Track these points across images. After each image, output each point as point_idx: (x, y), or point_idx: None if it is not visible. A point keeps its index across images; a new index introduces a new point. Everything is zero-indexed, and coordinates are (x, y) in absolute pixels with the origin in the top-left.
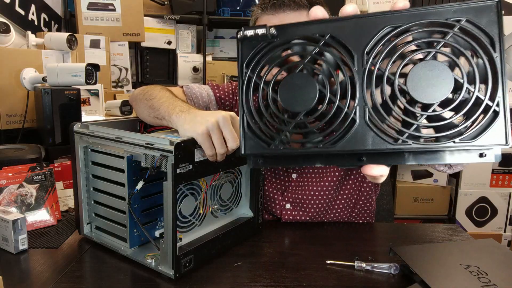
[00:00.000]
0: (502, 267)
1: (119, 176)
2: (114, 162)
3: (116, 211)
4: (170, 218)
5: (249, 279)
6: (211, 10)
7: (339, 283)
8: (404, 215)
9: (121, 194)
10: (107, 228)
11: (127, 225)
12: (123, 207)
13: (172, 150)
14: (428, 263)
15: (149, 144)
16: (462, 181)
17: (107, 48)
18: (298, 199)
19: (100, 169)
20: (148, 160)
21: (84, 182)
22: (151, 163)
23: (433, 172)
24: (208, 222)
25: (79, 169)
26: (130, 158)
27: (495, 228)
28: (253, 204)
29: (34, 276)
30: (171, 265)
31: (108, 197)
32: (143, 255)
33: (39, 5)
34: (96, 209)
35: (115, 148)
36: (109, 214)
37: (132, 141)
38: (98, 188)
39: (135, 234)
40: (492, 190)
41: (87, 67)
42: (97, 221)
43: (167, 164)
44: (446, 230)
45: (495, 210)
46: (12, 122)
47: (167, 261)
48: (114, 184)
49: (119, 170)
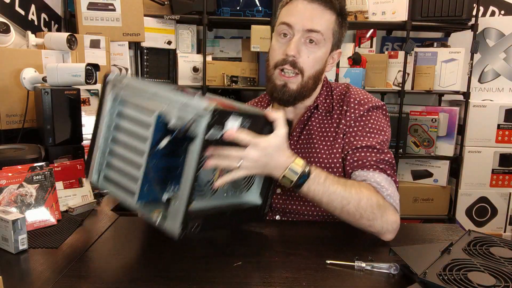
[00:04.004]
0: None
1: (143, 131)
2: (141, 116)
3: (132, 165)
4: (190, 177)
5: (249, 279)
6: (211, 10)
7: (339, 283)
8: (404, 215)
9: (141, 148)
10: (117, 179)
11: (139, 179)
12: (140, 161)
13: (208, 114)
14: (428, 263)
15: (184, 105)
16: (462, 181)
17: (107, 48)
18: (288, 209)
19: (124, 121)
20: (179, 121)
21: (105, 130)
22: (181, 124)
23: (433, 172)
24: (217, 197)
25: (103, 117)
26: (159, 116)
27: (495, 228)
28: (263, 192)
29: (34, 276)
30: (180, 222)
31: (126, 150)
32: (149, 211)
33: (39, 5)
34: (109, 160)
35: (146, 103)
36: (124, 167)
37: (167, 99)
38: (117, 139)
39: (145, 191)
40: (492, 190)
41: (87, 67)
42: (108, 171)
43: (198, 127)
44: (446, 230)
45: (495, 210)
46: (12, 122)
47: (176, 218)
48: (135, 139)
49: (144, 125)
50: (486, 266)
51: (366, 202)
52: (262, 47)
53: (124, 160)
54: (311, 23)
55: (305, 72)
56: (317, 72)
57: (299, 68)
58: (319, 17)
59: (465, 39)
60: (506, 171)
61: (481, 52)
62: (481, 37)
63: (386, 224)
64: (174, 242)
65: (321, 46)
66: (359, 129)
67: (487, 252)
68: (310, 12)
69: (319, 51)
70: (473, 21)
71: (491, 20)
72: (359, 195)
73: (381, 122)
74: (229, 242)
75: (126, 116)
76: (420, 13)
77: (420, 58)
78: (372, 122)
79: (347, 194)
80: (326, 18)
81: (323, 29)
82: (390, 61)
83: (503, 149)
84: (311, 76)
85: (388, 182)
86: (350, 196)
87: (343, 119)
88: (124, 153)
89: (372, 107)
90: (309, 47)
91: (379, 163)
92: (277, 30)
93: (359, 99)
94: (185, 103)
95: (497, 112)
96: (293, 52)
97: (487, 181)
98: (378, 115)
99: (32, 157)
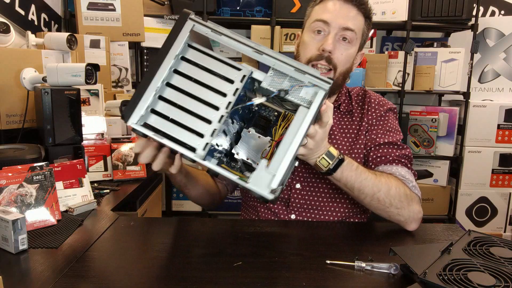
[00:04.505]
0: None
1: (222, 84)
2: (224, 70)
3: (199, 119)
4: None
5: (249, 279)
6: (211, 10)
7: (339, 283)
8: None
9: (216, 103)
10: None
11: (206, 136)
12: (210, 116)
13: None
14: (428, 263)
15: (301, 69)
16: (462, 181)
17: (107, 48)
18: (303, 208)
19: (196, 70)
20: (276, 84)
21: (167, 73)
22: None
23: (433, 172)
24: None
25: (169, 57)
26: (251, 72)
27: (495, 228)
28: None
29: (34, 276)
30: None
31: (194, 101)
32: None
33: (39, 5)
34: (155, 105)
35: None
36: (184, 119)
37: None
38: (177, 87)
39: (210, 148)
40: (492, 190)
41: (87, 67)
42: (152, 118)
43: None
44: (446, 230)
45: (495, 210)
46: (12, 122)
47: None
48: (211, 91)
49: (227, 80)
50: (486, 266)
51: (395, 191)
52: None
53: (188, 112)
54: (347, 21)
55: (338, 68)
56: (347, 69)
57: (333, 64)
58: (353, 17)
59: (465, 39)
60: (506, 171)
61: (481, 52)
62: (481, 37)
63: (412, 213)
64: (174, 242)
65: (353, 45)
66: (379, 127)
67: (487, 252)
68: (345, 11)
69: (351, 49)
70: (473, 21)
71: (491, 20)
72: (388, 184)
73: (396, 122)
74: (229, 242)
75: (202, 66)
76: (420, 13)
77: (420, 58)
78: (390, 122)
79: (377, 182)
80: (358, 19)
81: (356, 29)
82: (390, 61)
83: (503, 149)
84: (341, 73)
85: (410, 175)
86: (381, 184)
87: (365, 117)
88: (188, 104)
89: (389, 109)
90: (343, 45)
91: (401, 158)
92: (311, 27)
93: (378, 100)
94: (301, 68)
95: (497, 112)
96: (330, 48)
97: (487, 181)
98: (394, 116)
99: (32, 157)
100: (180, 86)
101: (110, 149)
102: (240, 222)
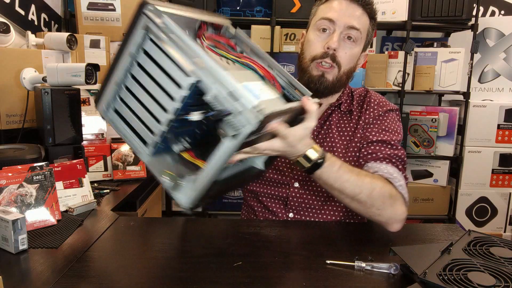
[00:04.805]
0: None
1: (173, 88)
2: (174, 71)
3: (150, 116)
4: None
5: (249, 279)
6: (211, 10)
7: (339, 283)
8: None
9: (166, 106)
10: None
11: (156, 135)
12: (160, 117)
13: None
14: (428, 263)
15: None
16: (462, 181)
17: (107, 48)
18: (301, 207)
19: (151, 66)
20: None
21: (126, 65)
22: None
23: (433, 172)
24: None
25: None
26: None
27: (495, 228)
28: (269, 160)
29: (34, 276)
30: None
31: (148, 96)
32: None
33: (39, 5)
34: (123, 95)
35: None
36: (140, 112)
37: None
38: (139, 81)
39: (159, 146)
40: (492, 190)
41: (87, 67)
42: (119, 106)
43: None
44: (446, 230)
45: (495, 210)
46: (12, 122)
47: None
48: (162, 92)
49: (176, 83)
50: (486, 266)
51: (379, 191)
52: (262, 47)
53: (143, 106)
54: (352, 20)
55: (342, 66)
56: (351, 69)
57: (337, 62)
58: (359, 16)
59: (465, 39)
60: (506, 171)
61: (481, 52)
62: (481, 37)
63: (394, 214)
64: (174, 242)
65: (357, 44)
66: (375, 126)
67: (487, 252)
68: (351, 11)
69: (355, 49)
70: (473, 21)
71: (491, 20)
72: (372, 184)
73: (396, 123)
74: (229, 242)
75: (156, 61)
76: (420, 13)
77: (420, 58)
78: (388, 122)
79: (360, 183)
80: (364, 19)
81: (361, 28)
82: (390, 61)
83: (503, 149)
84: (345, 72)
85: (398, 174)
86: (363, 185)
87: (362, 116)
88: (143, 98)
89: (389, 110)
90: (348, 43)
91: (392, 157)
92: (316, 25)
93: (378, 101)
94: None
95: (497, 112)
96: (335, 45)
97: (487, 181)
98: (394, 117)
99: (32, 157)
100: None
101: (110, 149)
102: (240, 222)
